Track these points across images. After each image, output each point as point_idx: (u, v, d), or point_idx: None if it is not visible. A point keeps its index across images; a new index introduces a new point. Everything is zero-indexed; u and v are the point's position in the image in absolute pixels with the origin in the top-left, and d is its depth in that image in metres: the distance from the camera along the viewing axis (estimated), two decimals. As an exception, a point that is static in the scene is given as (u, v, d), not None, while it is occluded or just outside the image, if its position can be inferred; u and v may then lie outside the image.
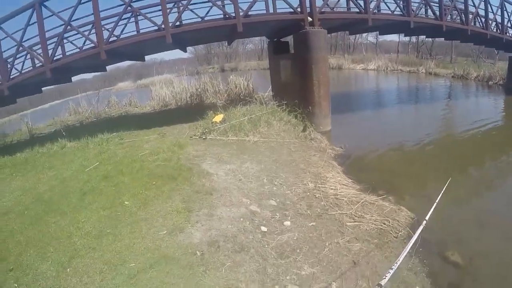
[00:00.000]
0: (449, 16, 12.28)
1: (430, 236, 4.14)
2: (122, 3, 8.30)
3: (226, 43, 51.82)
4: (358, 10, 9.93)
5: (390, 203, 5.09)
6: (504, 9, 13.16)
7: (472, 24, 12.23)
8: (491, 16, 12.76)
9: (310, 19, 8.88)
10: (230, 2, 8.66)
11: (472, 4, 11.99)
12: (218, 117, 8.80)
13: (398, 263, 2.59)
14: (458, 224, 4.71)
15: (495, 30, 13.45)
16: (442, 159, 7.39)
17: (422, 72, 33.50)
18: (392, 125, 11.24)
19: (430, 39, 44.39)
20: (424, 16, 11.43)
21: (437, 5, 11.45)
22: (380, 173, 6.67)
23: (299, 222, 4.40)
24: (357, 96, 18.79)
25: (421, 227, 3.18)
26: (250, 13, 8.81)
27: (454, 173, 6.21)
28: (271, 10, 10.65)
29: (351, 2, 11.00)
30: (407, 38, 48.36)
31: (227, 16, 8.79)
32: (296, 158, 6.89)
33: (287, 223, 4.35)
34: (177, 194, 4.82)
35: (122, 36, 9.27)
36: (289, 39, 12.34)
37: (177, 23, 8.75)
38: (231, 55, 52.18)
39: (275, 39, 12.56)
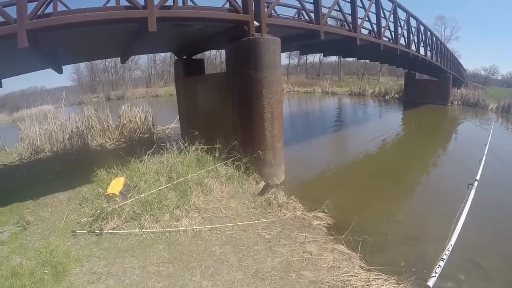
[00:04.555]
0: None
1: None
2: None
3: (114, 70, 46.59)
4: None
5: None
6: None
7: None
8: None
9: (256, 23, 5.94)
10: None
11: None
12: (117, 184, 5.01)
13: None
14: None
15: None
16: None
17: (318, 92, 34.01)
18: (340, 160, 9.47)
19: (318, 60, 47.02)
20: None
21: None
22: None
23: None
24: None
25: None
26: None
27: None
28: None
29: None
30: (295, 61, 50.33)
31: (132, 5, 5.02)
32: (287, 256, 3.77)
33: None
34: None
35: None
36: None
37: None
38: (117, 83, 46.81)
39: (185, 57, 9.29)
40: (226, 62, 6.78)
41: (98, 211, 4.40)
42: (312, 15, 7.49)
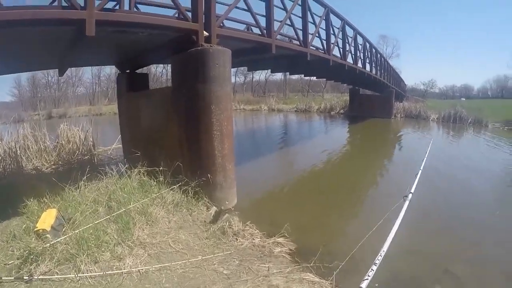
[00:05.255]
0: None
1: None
2: None
3: (57, 85, 43.72)
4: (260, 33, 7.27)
5: None
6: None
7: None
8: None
9: (206, 33, 5.52)
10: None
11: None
12: (48, 217, 4.17)
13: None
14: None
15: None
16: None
17: (265, 110, 34.33)
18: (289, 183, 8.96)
19: (264, 78, 47.82)
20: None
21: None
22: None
23: None
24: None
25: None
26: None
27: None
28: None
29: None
30: (241, 79, 50.64)
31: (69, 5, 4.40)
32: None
33: None
34: None
35: None
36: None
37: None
38: (59, 100, 43.73)
39: (128, 70, 8.57)
40: (172, 75, 6.26)
41: (28, 252, 3.59)
42: (265, 31, 7.31)
